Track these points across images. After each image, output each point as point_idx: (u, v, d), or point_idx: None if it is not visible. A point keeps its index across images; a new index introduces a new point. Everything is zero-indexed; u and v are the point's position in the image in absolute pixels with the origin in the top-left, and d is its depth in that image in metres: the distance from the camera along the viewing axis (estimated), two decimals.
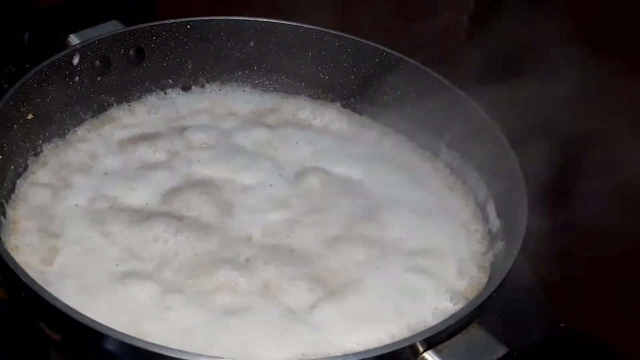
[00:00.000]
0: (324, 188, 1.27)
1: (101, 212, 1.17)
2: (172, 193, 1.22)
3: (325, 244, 1.17)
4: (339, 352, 1.01)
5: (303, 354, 1.01)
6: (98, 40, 1.30)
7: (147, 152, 1.29)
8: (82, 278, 1.07)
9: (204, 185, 1.24)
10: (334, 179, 1.29)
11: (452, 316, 0.98)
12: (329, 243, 1.17)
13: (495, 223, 1.22)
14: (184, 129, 1.35)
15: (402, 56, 1.37)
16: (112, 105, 1.37)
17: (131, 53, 1.35)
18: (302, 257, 1.14)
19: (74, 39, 1.31)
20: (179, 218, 1.18)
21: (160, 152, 1.30)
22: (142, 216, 1.17)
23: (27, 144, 1.23)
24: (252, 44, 1.43)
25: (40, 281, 0.97)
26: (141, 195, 1.21)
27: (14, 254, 1.04)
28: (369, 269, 1.14)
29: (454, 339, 0.97)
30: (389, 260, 1.16)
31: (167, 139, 1.32)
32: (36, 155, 1.25)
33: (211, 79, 1.45)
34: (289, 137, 1.36)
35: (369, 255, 1.16)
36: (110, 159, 1.27)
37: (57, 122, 1.28)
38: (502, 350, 0.96)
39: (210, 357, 0.90)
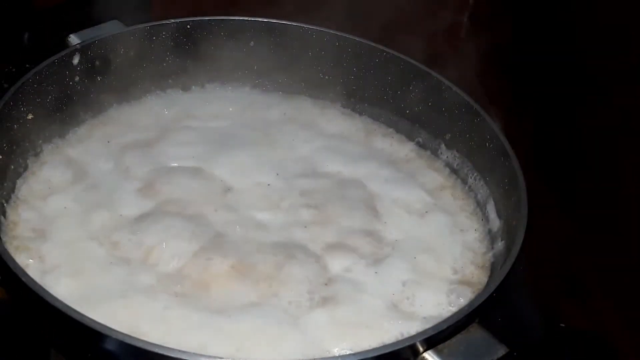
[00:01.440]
0: (322, 188, 1.27)
1: (99, 212, 1.17)
2: (170, 193, 1.22)
3: (322, 246, 1.17)
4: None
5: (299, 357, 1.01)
6: (98, 40, 1.30)
7: (146, 152, 1.29)
8: (80, 278, 1.07)
9: (202, 185, 1.24)
10: (332, 179, 1.29)
11: (452, 316, 0.98)
12: (326, 245, 1.17)
13: (495, 223, 1.22)
14: (183, 129, 1.35)
15: (402, 56, 1.37)
16: (112, 105, 1.37)
17: (131, 53, 1.35)
18: (299, 259, 1.13)
19: (74, 39, 1.31)
20: (177, 218, 1.17)
21: (160, 152, 1.29)
22: (139, 216, 1.17)
23: (27, 144, 1.23)
24: (252, 44, 1.43)
25: (40, 281, 0.97)
26: (139, 194, 1.21)
27: (14, 254, 1.04)
28: (367, 272, 1.14)
29: (454, 339, 0.97)
30: (388, 263, 1.16)
31: (166, 139, 1.32)
32: (36, 155, 1.25)
33: (211, 79, 1.45)
34: (289, 137, 1.36)
35: (367, 258, 1.16)
36: (110, 158, 1.27)
37: (57, 122, 1.28)
38: (502, 350, 0.96)
39: (210, 357, 0.90)
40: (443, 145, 1.36)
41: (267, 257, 1.13)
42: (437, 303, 1.11)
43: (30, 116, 1.22)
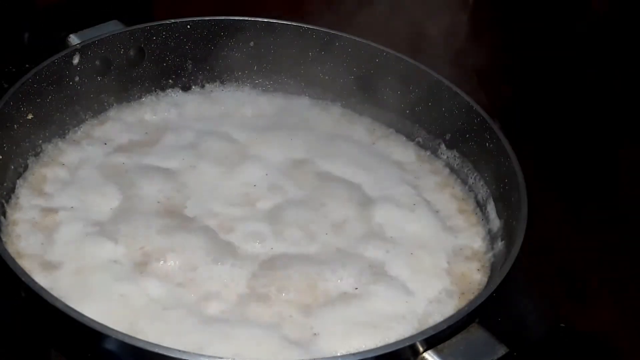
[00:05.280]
0: (316, 189, 1.26)
1: (99, 212, 1.17)
2: (169, 193, 1.22)
3: (319, 246, 1.17)
4: None
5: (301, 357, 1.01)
6: (98, 40, 1.30)
7: (146, 152, 1.29)
8: (80, 277, 1.07)
9: (200, 185, 1.24)
10: (329, 180, 1.28)
11: (452, 316, 0.98)
12: (323, 246, 1.17)
13: (495, 223, 1.22)
14: (183, 129, 1.35)
15: (402, 56, 1.37)
16: (112, 105, 1.37)
17: (131, 53, 1.35)
18: (296, 260, 1.13)
19: (74, 39, 1.31)
20: (177, 218, 1.18)
21: (159, 152, 1.29)
22: (139, 216, 1.17)
23: (27, 144, 1.23)
24: (252, 44, 1.43)
25: (39, 280, 0.97)
26: (140, 195, 1.21)
27: (13, 254, 1.04)
28: (364, 273, 1.13)
29: (454, 339, 0.97)
30: (386, 264, 1.16)
31: (166, 139, 1.32)
32: (36, 155, 1.25)
33: (211, 79, 1.45)
34: (287, 137, 1.36)
35: (365, 258, 1.16)
36: (110, 158, 1.27)
37: (57, 122, 1.28)
38: (502, 350, 0.96)
39: (210, 357, 0.90)
40: (443, 145, 1.36)
41: (264, 259, 1.13)
42: (438, 302, 1.11)
43: (30, 116, 1.22)
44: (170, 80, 1.42)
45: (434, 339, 0.95)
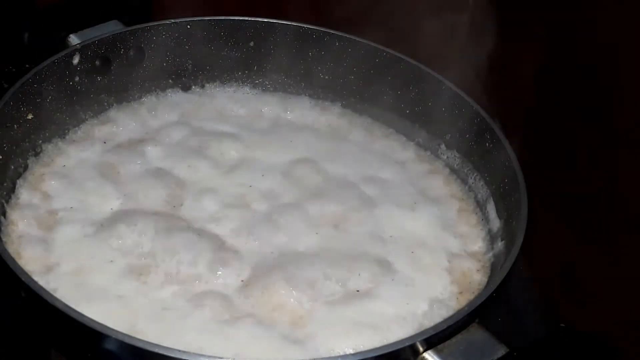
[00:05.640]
0: (320, 188, 1.26)
1: (99, 212, 1.17)
2: (167, 193, 1.22)
3: (318, 246, 1.17)
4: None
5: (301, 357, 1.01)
6: (98, 40, 1.30)
7: (146, 153, 1.29)
8: (79, 277, 1.07)
9: (199, 185, 1.24)
10: (332, 180, 1.29)
11: (452, 316, 0.98)
12: (322, 246, 1.17)
13: (495, 223, 1.22)
14: (182, 129, 1.35)
15: (402, 56, 1.37)
16: (112, 105, 1.37)
17: (131, 53, 1.35)
18: (295, 260, 1.13)
19: (74, 39, 1.31)
20: (175, 218, 1.18)
21: (159, 153, 1.29)
22: (138, 216, 1.16)
23: (27, 144, 1.23)
24: (252, 44, 1.43)
25: (39, 280, 0.97)
26: (139, 195, 1.21)
27: (13, 254, 1.04)
28: (364, 272, 1.13)
29: (454, 339, 0.97)
30: (386, 264, 1.15)
31: (165, 140, 1.33)
32: (36, 155, 1.25)
33: (211, 79, 1.45)
34: (288, 137, 1.36)
35: (364, 258, 1.16)
36: (109, 159, 1.27)
37: (57, 122, 1.28)
38: (502, 350, 0.96)
39: (210, 357, 0.90)
40: (443, 145, 1.36)
41: (262, 260, 1.13)
42: (438, 302, 1.11)
43: (30, 116, 1.22)
44: (170, 80, 1.42)
45: (434, 338, 0.96)
